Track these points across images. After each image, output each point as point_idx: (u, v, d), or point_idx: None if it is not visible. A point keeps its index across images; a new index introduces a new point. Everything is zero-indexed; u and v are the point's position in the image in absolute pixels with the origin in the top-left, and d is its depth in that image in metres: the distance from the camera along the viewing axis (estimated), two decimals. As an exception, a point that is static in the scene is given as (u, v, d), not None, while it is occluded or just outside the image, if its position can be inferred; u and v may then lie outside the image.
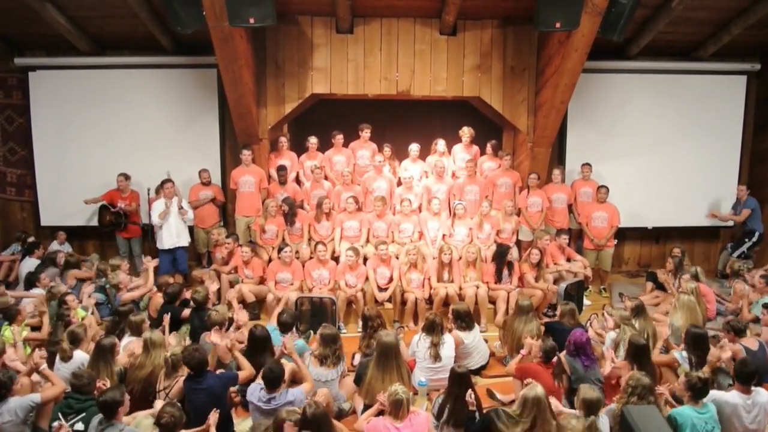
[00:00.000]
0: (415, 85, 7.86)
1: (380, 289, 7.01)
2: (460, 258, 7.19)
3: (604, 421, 4.01)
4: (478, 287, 6.92)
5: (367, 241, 7.64)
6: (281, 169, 7.97)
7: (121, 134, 8.43)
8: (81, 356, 5.05)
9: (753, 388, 4.33)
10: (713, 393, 4.33)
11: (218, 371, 4.87)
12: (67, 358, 4.99)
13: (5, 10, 7.51)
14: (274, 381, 4.38)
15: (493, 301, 7.00)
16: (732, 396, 4.33)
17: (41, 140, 8.51)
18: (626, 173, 8.67)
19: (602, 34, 6.66)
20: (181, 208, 7.57)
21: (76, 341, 5.12)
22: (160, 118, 8.44)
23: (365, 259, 7.25)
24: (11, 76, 8.58)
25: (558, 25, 6.47)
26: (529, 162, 8.17)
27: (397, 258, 7.20)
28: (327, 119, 8.70)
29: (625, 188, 8.49)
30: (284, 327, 5.58)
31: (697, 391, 4.19)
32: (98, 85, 8.35)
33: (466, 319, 5.67)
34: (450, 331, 5.63)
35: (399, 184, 8.14)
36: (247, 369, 4.84)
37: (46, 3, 7.12)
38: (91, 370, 4.63)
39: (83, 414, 4.17)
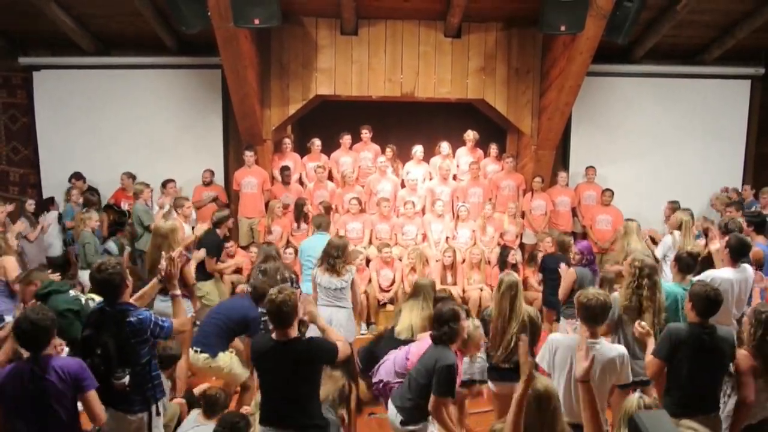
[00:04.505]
0: (419, 87, 7.85)
1: (383, 292, 7.00)
2: (464, 260, 7.17)
3: None
4: (482, 290, 6.91)
5: (370, 242, 7.62)
6: (285, 169, 7.97)
7: (125, 134, 8.42)
8: None
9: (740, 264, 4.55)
10: (708, 272, 4.52)
11: None
12: None
13: (9, 9, 7.51)
14: None
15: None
16: (725, 272, 4.51)
17: (45, 140, 8.51)
18: (630, 176, 8.65)
19: (607, 37, 6.66)
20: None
21: None
22: (163, 118, 8.44)
23: (368, 261, 7.24)
24: (15, 76, 8.58)
25: (563, 27, 6.46)
26: (533, 164, 8.16)
27: (401, 260, 7.18)
28: (331, 121, 8.69)
29: (628, 191, 8.45)
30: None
31: (685, 265, 4.38)
32: (102, 85, 8.35)
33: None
34: None
35: (403, 185, 8.13)
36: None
37: (51, 1, 7.13)
38: None
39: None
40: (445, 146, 8.31)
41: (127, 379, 3.27)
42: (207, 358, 4.45)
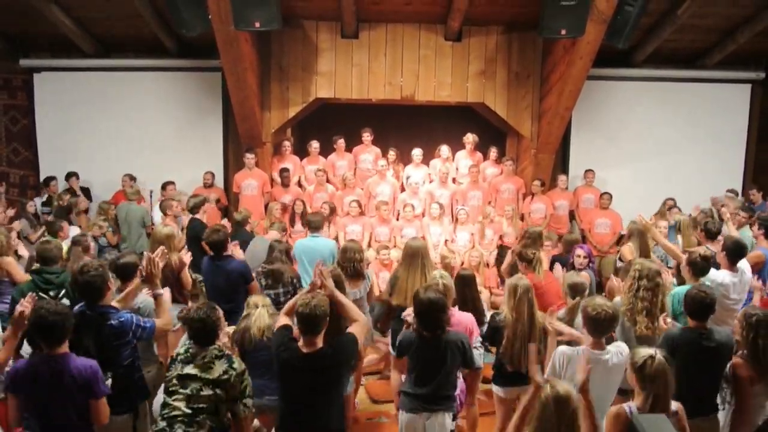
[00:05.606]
0: (419, 91, 7.86)
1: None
2: (462, 263, 7.16)
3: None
4: (480, 292, 6.89)
5: (369, 245, 7.61)
6: (284, 171, 7.96)
7: (125, 136, 8.44)
8: None
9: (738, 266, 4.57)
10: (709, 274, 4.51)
11: None
12: None
13: (10, 11, 7.52)
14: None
15: (495, 306, 6.96)
16: (723, 275, 4.52)
17: (45, 141, 8.52)
18: (630, 180, 8.65)
19: (607, 41, 6.66)
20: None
21: None
22: (164, 120, 8.46)
23: (367, 264, 7.22)
24: (16, 77, 8.61)
25: (563, 31, 6.47)
26: (533, 168, 8.15)
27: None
28: (331, 124, 8.69)
29: (628, 195, 8.44)
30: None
31: (699, 269, 4.33)
32: (102, 87, 8.38)
33: None
34: None
35: (402, 189, 8.13)
36: None
37: (51, 3, 7.14)
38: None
39: (63, 289, 4.05)
40: (444, 149, 8.31)
41: (109, 382, 3.25)
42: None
